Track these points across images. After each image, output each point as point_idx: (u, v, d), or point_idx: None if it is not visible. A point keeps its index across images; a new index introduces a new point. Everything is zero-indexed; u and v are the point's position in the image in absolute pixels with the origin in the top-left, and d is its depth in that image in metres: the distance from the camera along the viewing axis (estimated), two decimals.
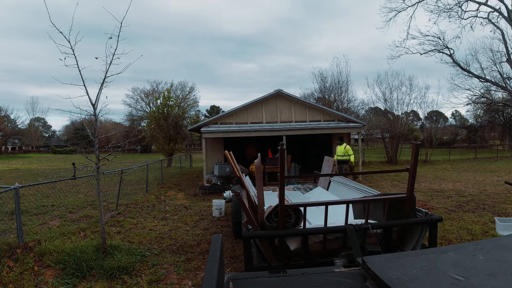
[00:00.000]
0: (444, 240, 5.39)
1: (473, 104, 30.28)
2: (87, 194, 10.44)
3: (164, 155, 24.57)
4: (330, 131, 14.35)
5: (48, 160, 38.06)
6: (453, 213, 7.24)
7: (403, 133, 24.56)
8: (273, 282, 1.39)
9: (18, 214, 5.02)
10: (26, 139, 64.57)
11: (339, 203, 3.76)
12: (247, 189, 4.33)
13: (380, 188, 11.13)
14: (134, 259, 4.72)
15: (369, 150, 39.12)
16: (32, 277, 4.21)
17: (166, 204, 9.33)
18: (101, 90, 4.80)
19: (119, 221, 7.23)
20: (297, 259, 3.50)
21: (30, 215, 7.76)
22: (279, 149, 3.10)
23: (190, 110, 31.55)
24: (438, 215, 3.50)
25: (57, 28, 4.41)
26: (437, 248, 1.99)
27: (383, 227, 3.46)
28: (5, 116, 57.81)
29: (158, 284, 4.11)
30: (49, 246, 5.03)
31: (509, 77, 22.42)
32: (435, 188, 11.06)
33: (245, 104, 14.47)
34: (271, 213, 3.41)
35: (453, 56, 22.78)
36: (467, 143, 48.83)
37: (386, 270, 1.27)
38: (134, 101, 43.92)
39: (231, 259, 4.91)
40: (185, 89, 35.28)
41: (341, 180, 6.24)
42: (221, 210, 7.73)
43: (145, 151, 48.29)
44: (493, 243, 1.50)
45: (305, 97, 30.52)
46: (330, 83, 30.12)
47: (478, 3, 21.16)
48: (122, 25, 4.65)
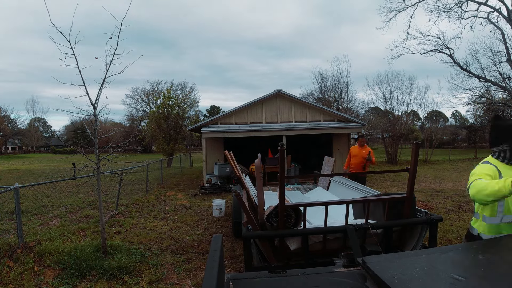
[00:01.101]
0: (444, 240, 5.39)
1: (473, 104, 30.21)
2: (87, 194, 10.44)
3: (164, 155, 24.56)
4: (330, 131, 14.35)
5: (48, 160, 38.07)
6: (453, 213, 7.23)
7: (403, 133, 24.57)
8: (273, 282, 1.39)
9: (18, 214, 5.02)
10: (26, 139, 64.51)
11: (339, 203, 3.76)
12: (247, 189, 4.33)
13: (380, 188, 11.13)
14: (134, 259, 4.72)
15: None
16: (32, 277, 4.21)
17: (166, 204, 9.33)
18: (101, 90, 4.80)
19: (119, 221, 7.23)
20: (297, 259, 3.50)
21: (30, 215, 7.76)
22: (279, 149, 3.10)
23: (190, 110, 31.58)
24: (438, 215, 3.50)
25: (57, 28, 4.41)
26: (437, 248, 1.99)
27: (383, 227, 3.46)
28: (5, 116, 57.82)
29: (158, 284, 4.11)
30: (49, 246, 5.03)
31: (509, 77, 22.39)
32: (435, 188, 11.06)
33: (245, 104, 14.47)
34: (271, 213, 3.41)
35: (453, 56, 22.74)
36: (467, 143, 48.86)
37: (386, 270, 1.27)
38: (134, 101, 43.94)
39: (231, 259, 4.91)
40: (185, 89, 35.29)
41: (341, 180, 6.23)
42: (221, 210, 7.73)
43: (145, 151, 48.29)
44: (493, 243, 1.50)
45: (305, 97, 30.51)
46: (330, 83, 30.17)
47: (478, 3, 21.14)
48: (122, 25, 4.65)
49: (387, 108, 26.79)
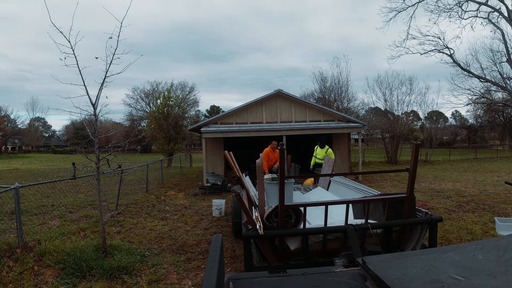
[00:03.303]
0: (444, 240, 5.39)
1: (473, 104, 30.27)
2: (87, 194, 10.44)
3: (164, 155, 24.56)
4: (330, 131, 14.35)
5: (48, 160, 38.07)
6: (453, 213, 7.23)
7: (403, 133, 24.57)
8: (273, 282, 1.39)
9: (18, 214, 5.02)
10: (26, 139, 64.50)
11: (339, 203, 3.77)
12: (247, 189, 4.33)
13: (380, 188, 11.14)
14: (134, 259, 4.72)
15: (369, 150, 39.15)
16: (32, 277, 4.21)
17: (166, 204, 9.33)
18: (101, 90, 4.80)
19: (119, 221, 7.23)
20: (297, 259, 3.50)
21: (30, 215, 7.76)
22: (279, 149, 3.10)
23: (190, 110, 31.62)
24: (438, 215, 3.51)
25: (57, 28, 4.41)
26: (437, 248, 1.99)
27: (383, 227, 3.46)
28: (5, 116, 57.80)
29: (158, 284, 4.11)
30: (49, 246, 5.02)
31: (509, 77, 22.40)
32: (435, 188, 11.06)
33: (245, 104, 14.48)
34: (271, 214, 3.41)
35: (453, 56, 22.76)
36: (467, 143, 48.88)
37: (386, 270, 1.27)
38: (134, 101, 44.04)
39: (231, 259, 4.91)
40: (185, 89, 35.36)
41: (341, 180, 6.24)
42: (221, 210, 7.73)
43: (145, 151, 48.27)
44: (493, 243, 1.50)
45: (305, 97, 30.51)
46: (330, 83, 30.15)
47: (478, 3, 21.15)
48: (122, 25, 4.65)
49: (387, 108, 26.81)
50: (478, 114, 44.09)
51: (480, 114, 43.53)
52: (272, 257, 3.39)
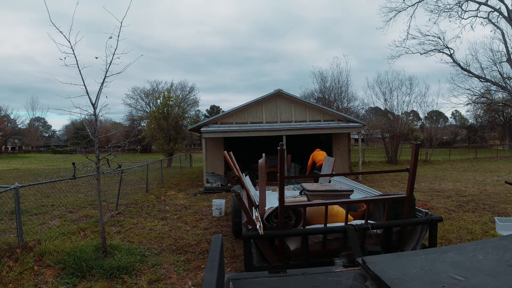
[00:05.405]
0: (444, 240, 5.39)
1: (473, 104, 30.29)
2: (87, 194, 10.44)
3: (164, 155, 24.57)
4: (330, 131, 14.36)
5: (48, 160, 38.06)
6: (453, 213, 7.23)
7: (403, 133, 24.57)
8: (273, 282, 1.39)
9: (18, 214, 5.02)
10: (26, 139, 64.45)
11: (339, 203, 3.77)
12: (247, 189, 4.33)
13: (380, 188, 11.14)
14: (134, 259, 4.72)
15: (369, 150, 39.12)
16: (32, 277, 4.21)
17: (166, 204, 9.33)
18: (101, 90, 4.80)
19: (119, 221, 7.23)
20: (297, 259, 3.50)
21: (30, 215, 7.76)
22: (278, 149, 3.10)
23: (190, 110, 31.60)
24: (438, 215, 3.51)
25: (57, 28, 4.41)
26: (437, 248, 1.99)
27: (383, 227, 3.46)
28: (5, 116, 57.78)
29: (158, 284, 4.10)
30: (49, 246, 5.03)
31: (509, 77, 22.40)
32: (435, 188, 11.06)
33: (245, 104, 14.48)
34: (271, 214, 3.41)
35: (453, 56, 22.76)
36: (467, 143, 48.87)
37: (386, 270, 1.27)
38: (134, 101, 43.99)
39: (231, 259, 4.90)
40: (185, 89, 35.35)
41: (341, 180, 6.24)
42: (221, 210, 7.73)
43: (145, 151, 48.23)
44: (493, 243, 1.50)
45: (305, 97, 30.50)
46: (330, 83, 30.16)
47: (478, 3, 21.15)
48: (122, 25, 4.65)
49: (387, 108, 26.81)
50: (478, 114, 44.10)
51: (480, 114, 43.54)
52: (272, 257, 3.39)
